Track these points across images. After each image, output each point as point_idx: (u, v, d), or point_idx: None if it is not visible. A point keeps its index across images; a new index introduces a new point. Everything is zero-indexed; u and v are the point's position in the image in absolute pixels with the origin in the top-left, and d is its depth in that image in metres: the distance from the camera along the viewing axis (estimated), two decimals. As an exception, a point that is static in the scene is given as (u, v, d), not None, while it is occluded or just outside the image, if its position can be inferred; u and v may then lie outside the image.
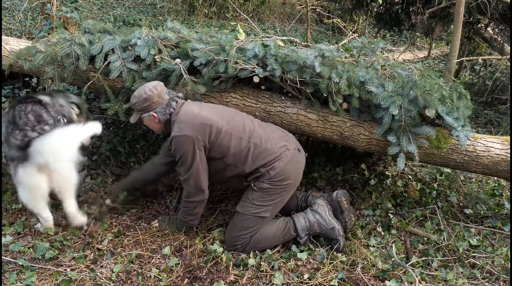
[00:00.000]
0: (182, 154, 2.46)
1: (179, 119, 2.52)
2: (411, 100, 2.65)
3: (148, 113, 2.59)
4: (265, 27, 7.85)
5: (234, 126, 2.54)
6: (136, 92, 2.61)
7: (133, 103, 2.61)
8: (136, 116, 2.64)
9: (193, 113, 2.53)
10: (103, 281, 2.26)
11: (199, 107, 2.60)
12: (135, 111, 2.64)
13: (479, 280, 2.45)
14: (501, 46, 5.65)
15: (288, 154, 2.58)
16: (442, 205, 3.15)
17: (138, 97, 2.58)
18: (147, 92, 2.56)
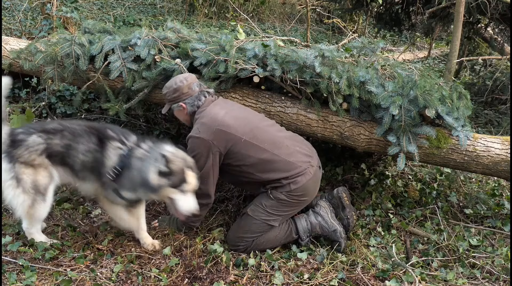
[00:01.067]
0: (195, 155, 2.42)
1: (201, 119, 2.50)
2: (411, 100, 2.65)
3: (178, 104, 2.58)
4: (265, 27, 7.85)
5: (258, 135, 2.49)
6: (167, 83, 2.62)
7: (164, 94, 2.63)
8: (167, 106, 2.65)
9: (216, 117, 2.48)
10: (103, 281, 2.26)
11: (225, 110, 2.55)
12: (166, 102, 2.66)
13: (479, 280, 2.45)
14: (501, 46, 5.65)
15: (311, 170, 2.55)
16: (442, 205, 3.15)
17: (169, 88, 2.59)
18: (177, 83, 2.57)
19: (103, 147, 2.27)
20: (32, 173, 2.24)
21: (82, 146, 2.28)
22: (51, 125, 2.32)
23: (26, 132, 2.28)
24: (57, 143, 2.26)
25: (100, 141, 2.29)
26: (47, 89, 3.81)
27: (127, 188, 2.27)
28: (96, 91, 3.30)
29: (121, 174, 2.24)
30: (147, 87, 2.93)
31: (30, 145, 2.23)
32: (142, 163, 2.23)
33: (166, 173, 2.16)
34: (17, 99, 4.02)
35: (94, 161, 2.28)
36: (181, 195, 2.22)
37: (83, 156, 2.28)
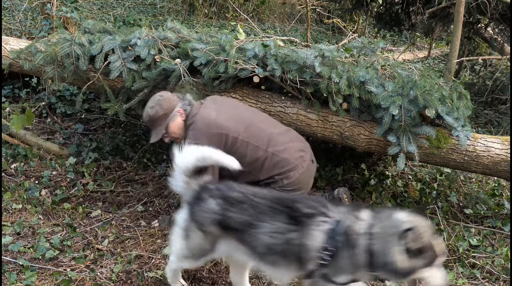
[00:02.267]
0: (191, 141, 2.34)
1: (195, 124, 2.44)
2: (411, 100, 2.65)
3: (173, 114, 2.48)
4: (265, 27, 7.85)
5: (252, 134, 2.47)
6: (146, 110, 2.50)
7: (152, 116, 2.49)
8: (160, 128, 2.49)
9: (209, 120, 2.44)
10: (103, 281, 2.26)
11: (216, 111, 2.50)
12: (155, 127, 2.51)
13: (479, 280, 2.45)
14: (501, 46, 5.65)
15: (304, 165, 2.54)
16: (442, 205, 3.15)
17: (154, 107, 2.47)
18: (158, 98, 2.49)
19: (299, 226, 1.81)
20: (200, 236, 1.99)
21: (267, 226, 1.85)
22: (235, 193, 1.95)
23: (211, 193, 1.98)
24: (233, 217, 1.90)
25: (292, 218, 1.83)
26: (47, 89, 3.81)
27: (346, 271, 1.77)
28: (96, 91, 3.30)
29: (335, 255, 1.74)
30: (147, 87, 2.93)
31: (206, 210, 1.96)
32: (374, 241, 1.72)
33: (416, 252, 1.66)
34: (17, 99, 4.03)
35: (287, 243, 1.83)
36: (433, 271, 1.70)
37: (270, 238, 1.85)
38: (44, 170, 3.19)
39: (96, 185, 3.12)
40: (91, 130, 3.80)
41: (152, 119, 2.49)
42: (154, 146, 3.63)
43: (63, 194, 2.97)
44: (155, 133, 2.53)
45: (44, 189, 3.00)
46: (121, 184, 3.17)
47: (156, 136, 2.53)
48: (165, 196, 3.06)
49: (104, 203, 2.98)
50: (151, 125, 2.53)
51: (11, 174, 3.15)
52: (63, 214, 2.79)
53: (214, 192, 1.98)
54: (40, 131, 3.76)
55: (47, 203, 2.84)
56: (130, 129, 3.82)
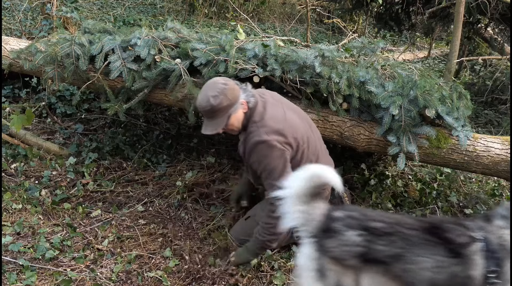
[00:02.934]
0: (270, 160, 2.18)
1: (263, 120, 2.22)
2: (411, 100, 2.65)
3: (236, 105, 2.20)
4: (265, 27, 7.85)
5: (310, 146, 2.34)
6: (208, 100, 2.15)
7: (214, 106, 2.16)
8: (222, 119, 2.20)
9: (280, 116, 2.26)
10: (103, 281, 2.26)
11: (283, 109, 2.31)
12: (215, 118, 2.20)
13: (479, 280, 2.44)
14: (501, 46, 5.65)
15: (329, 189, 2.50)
16: (442, 205, 3.15)
17: (217, 97, 2.15)
18: (222, 87, 2.17)
19: (460, 258, 1.70)
20: (339, 272, 1.77)
21: (426, 260, 1.70)
22: (377, 223, 1.77)
23: (345, 223, 1.77)
24: (381, 250, 1.73)
25: (450, 250, 1.72)
26: (47, 89, 3.81)
27: None
28: (96, 91, 3.30)
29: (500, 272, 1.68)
30: (147, 87, 2.93)
31: (345, 243, 1.74)
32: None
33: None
34: (17, 99, 4.03)
35: (453, 277, 1.71)
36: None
37: (433, 273, 1.70)
38: (44, 170, 3.19)
39: (96, 185, 3.12)
40: (91, 130, 3.80)
41: (214, 109, 2.17)
42: (154, 146, 3.63)
43: (63, 194, 2.97)
44: (214, 125, 2.23)
45: (44, 189, 3.00)
46: (121, 184, 3.17)
47: (215, 128, 2.23)
48: (165, 196, 3.06)
49: (104, 203, 2.98)
50: (210, 115, 2.21)
51: (11, 174, 3.15)
52: (63, 214, 2.79)
53: (348, 221, 1.76)
54: (40, 131, 3.76)
55: (47, 203, 2.84)
56: (130, 129, 3.82)
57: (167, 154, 3.57)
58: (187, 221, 2.84)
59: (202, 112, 2.23)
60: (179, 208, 2.96)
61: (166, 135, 3.83)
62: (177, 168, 3.35)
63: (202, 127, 2.26)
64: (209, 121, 2.23)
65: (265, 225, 2.30)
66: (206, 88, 2.20)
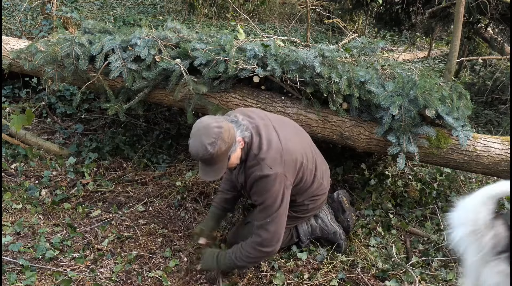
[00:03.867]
0: (269, 195, 2.12)
1: (263, 152, 2.12)
2: (411, 100, 2.65)
3: (235, 145, 2.08)
4: (265, 27, 7.85)
5: (309, 158, 2.31)
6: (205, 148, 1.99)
7: (213, 153, 2.00)
8: (223, 164, 2.08)
9: (277, 144, 2.15)
10: (103, 281, 2.26)
11: (275, 131, 2.20)
12: (216, 164, 2.06)
13: (479, 280, 2.44)
14: (501, 46, 5.65)
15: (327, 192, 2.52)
16: (442, 205, 3.15)
17: (215, 144, 1.99)
18: (217, 131, 2.01)
19: None
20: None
21: None
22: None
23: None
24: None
25: None
26: (47, 89, 3.81)
27: None
28: (96, 91, 3.30)
29: None
30: (147, 87, 2.93)
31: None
32: None
33: None
34: (17, 99, 4.03)
35: None
36: None
37: None
38: (44, 170, 3.19)
39: (96, 185, 3.12)
40: (91, 130, 3.80)
41: (214, 156, 2.01)
42: (154, 146, 3.63)
43: (63, 194, 2.97)
44: (215, 171, 2.09)
45: (44, 189, 3.00)
46: (121, 184, 3.17)
47: (217, 173, 2.10)
48: (165, 196, 3.06)
49: (104, 203, 2.98)
50: (210, 162, 2.05)
51: (11, 174, 3.15)
52: (63, 214, 2.79)
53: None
54: (40, 131, 3.76)
55: (47, 203, 2.84)
56: (130, 129, 3.82)
57: (167, 154, 3.57)
58: (187, 221, 2.84)
59: (198, 160, 2.07)
60: (179, 208, 2.96)
61: (166, 135, 3.83)
62: (177, 168, 3.35)
63: (200, 173, 2.13)
64: (208, 167, 2.08)
65: (246, 253, 2.20)
66: (199, 134, 2.02)
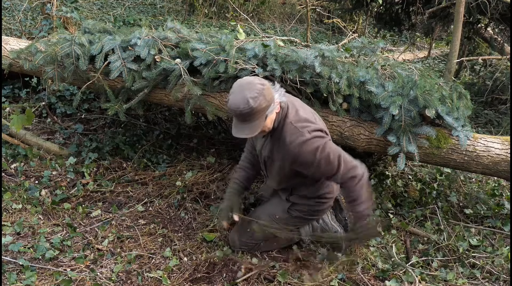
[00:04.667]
0: (321, 151, 2.12)
1: (301, 119, 2.16)
2: (411, 100, 2.65)
3: (273, 105, 2.08)
4: (265, 27, 7.85)
5: None
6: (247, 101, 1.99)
7: (254, 108, 1.99)
8: (261, 121, 2.06)
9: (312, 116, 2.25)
10: (103, 281, 2.26)
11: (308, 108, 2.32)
12: (254, 119, 2.04)
13: (479, 280, 2.45)
14: (501, 46, 5.65)
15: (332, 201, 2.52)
16: (442, 205, 3.15)
17: (257, 98, 2.00)
18: (260, 88, 2.03)
19: None
20: None
21: None
22: None
23: None
24: None
25: None
26: (47, 89, 3.81)
27: None
28: (96, 91, 3.29)
29: None
30: (147, 87, 2.93)
31: None
32: None
33: None
34: (17, 99, 4.03)
35: None
36: None
37: None
38: (44, 170, 3.19)
39: (96, 185, 3.12)
40: (91, 130, 3.81)
41: (254, 111, 2.01)
42: (154, 146, 3.63)
43: (63, 194, 2.97)
44: (252, 127, 2.06)
45: (44, 189, 3.00)
46: (121, 184, 3.17)
47: (253, 130, 2.07)
48: (165, 196, 3.06)
49: (104, 203, 2.98)
50: (248, 118, 2.04)
51: (11, 174, 3.15)
52: (63, 214, 2.79)
53: None
54: (40, 131, 3.76)
55: (47, 203, 2.84)
56: (130, 129, 3.82)
57: (167, 154, 3.57)
58: (187, 221, 2.85)
59: (237, 115, 2.04)
60: (179, 208, 2.96)
61: (166, 135, 3.83)
62: (177, 168, 3.35)
63: (234, 130, 2.09)
64: (244, 124, 2.06)
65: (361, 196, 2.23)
66: (242, 89, 2.04)
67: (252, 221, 2.52)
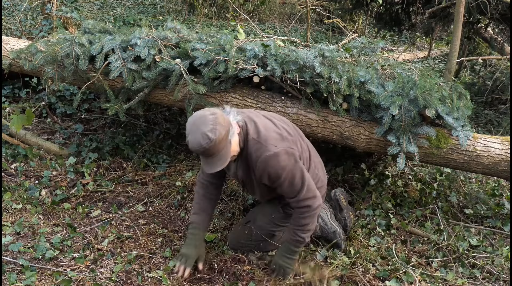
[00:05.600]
0: (287, 170, 2.11)
1: (263, 134, 2.12)
2: (411, 100, 2.65)
3: (232, 129, 2.05)
4: (265, 27, 7.85)
5: (303, 145, 2.32)
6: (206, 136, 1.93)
7: (215, 140, 1.94)
8: (226, 150, 2.03)
9: (273, 127, 2.20)
10: (103, 281, 2.26)
11: (267, 119, 2.25)
12: (219, 151, 2.00)
13: (479, 280, 2.45)
14: (501, 46, 5.65)
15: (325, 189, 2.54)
16: (442, 205, 3.15)
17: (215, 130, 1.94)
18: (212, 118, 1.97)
19: None
20: None
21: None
22: None
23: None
24: None
25: None
26: (47, 89, 3.82)
27: None
28: (96, 91, 3.30)
29: None
30: (147, 87, 2.93)
31: None
32: None
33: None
34: (17, 99, 4.03)
35: None
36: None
37: None
38: (44, 170, 3.19)
39: (96, 185, 3.12)
40: (91, 130, 3.81)
41: (216, 142, 1.95)
42: (154, 146, 3.63)
43: (63, 194, 2.97)
44: (222, 157, 2.03)
45: (44, 189, 3.00)
46: (121, 184, 3.17)
47: (224, 161, 2.03)
48: (165, 196, 3.06)
49: (104, 203, 2.98)
50: (214, 150, 1.99)
51: (11, 174, 3.15)
52: (63, 214, 2.79)
53: None
54: (40, 131, 3.76)
55: (47, 203, 2.84)
56: (130, 129, 3.82)
57: (167, 154, 3.57)
58: (187, 221, 2.84)
59: (202, 152, 1.99)
60: (179, 208, 2.96)
61: (166, 135, 3.83)
62: (177, 168, 3.35)
63: (206, 167, 2.05)
64: (213, 158, 2.01)
65: (306, 225, 2.26)
66: (196, 127, 1.97)
67: (250, 222, 2.52)
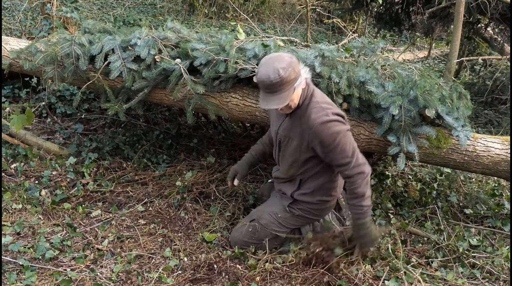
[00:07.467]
0: (341, 137, 2.16)
1: (326, 101, 2.25)
2: (411, 100, 2.65)
3: (301, 79, 2.12)
4: (265, 27, 7.85)
5: None
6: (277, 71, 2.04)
7: (284, 78, 2.04)
8: (289, 93, 2.08)
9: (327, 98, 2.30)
10: (103, 281, 2.26)
11: None
12: (282, 91, 2.07)
13: (479, 280, 2.45)
14: (501, 46, 5.65)
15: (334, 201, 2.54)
16: (442, 205, 3.15)
17: (287, 69, 2.04)
18: (290, 61, 2.08)
19: None
20: None
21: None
22: None
23: None
24: None
25: None
26: (47, 89, 3.82)
27: None
28: (96, 91, 3.29)
29: None
30: (147, 87, 2.93)
31: None
32: None
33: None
34: (17, 99, 4.03)
35: None
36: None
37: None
38: (44, 170, 3.19)
39: (96, 185, 3.12)
40: (91, 130, 3.81)
41: (283, 81, 2.04)
42: (154, 146, 3.63)
43: (63, 194, 2.97)
44: (280, 98, 2.08)
45: (44, 189, 3.00)
46: (121, 184, 3.17)
47: (282, 101, 2.09)
48: (165, 196, 3.06)
49: (104, 203, 2.98)
50: (277, 89, 2.07)
51: (11, 174, 3.15)
52: (63, 214, 2.79)
53: None
54: (40, 131, 3.76)
55: (47, 203, 2.84)
56: (130, 129, 3.82)
57: (167, 154, 3.57)
58: (187, 221, 2.85)
59: (266, 85, 2.07)
60: (179, 208, 2.96)
61: (166, 135, 3.83)
62: (177, 168, 3.35)
63: (262, 102, 2.13)
64: (273, 95, 2.09)
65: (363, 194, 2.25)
66: (271, 61, 2.08)
67: (254, 220, 2.52)
